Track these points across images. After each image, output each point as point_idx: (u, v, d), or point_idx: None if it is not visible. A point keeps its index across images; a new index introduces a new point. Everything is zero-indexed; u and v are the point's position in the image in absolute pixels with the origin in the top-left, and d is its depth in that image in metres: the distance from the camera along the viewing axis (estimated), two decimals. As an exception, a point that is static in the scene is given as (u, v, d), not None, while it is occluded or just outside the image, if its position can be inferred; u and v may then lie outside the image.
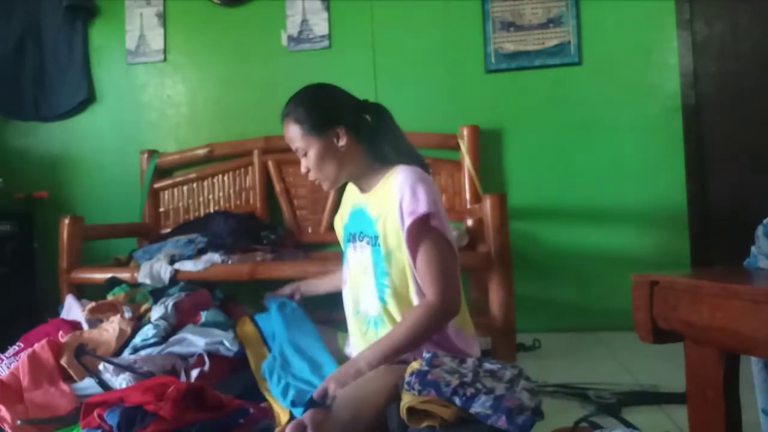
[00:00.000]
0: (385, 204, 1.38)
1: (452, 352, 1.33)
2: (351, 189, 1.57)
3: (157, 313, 1.78)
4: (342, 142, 1.41)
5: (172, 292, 1.94)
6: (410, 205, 1.30)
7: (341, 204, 1.62)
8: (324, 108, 1.44)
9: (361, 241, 1.46)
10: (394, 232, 1.35)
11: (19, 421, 1.33)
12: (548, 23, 2.78)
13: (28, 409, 1.38)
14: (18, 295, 2.80)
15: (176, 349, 1.61)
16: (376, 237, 1.39)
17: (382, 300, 1.38)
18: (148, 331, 1.67)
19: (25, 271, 2.90)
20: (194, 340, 1.64)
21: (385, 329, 1.37)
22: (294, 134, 1.43)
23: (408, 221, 1.30)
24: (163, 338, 1.66)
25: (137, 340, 1.66)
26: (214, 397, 1.17)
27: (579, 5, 2.76)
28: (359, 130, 1.44)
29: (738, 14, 2.66)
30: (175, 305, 1.78)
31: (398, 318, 1.36)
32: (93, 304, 1.93)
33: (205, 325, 1.74)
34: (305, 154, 1.43)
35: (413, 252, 1.32)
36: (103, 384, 1.47)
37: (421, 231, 1.31)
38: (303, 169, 1.47)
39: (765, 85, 2.61)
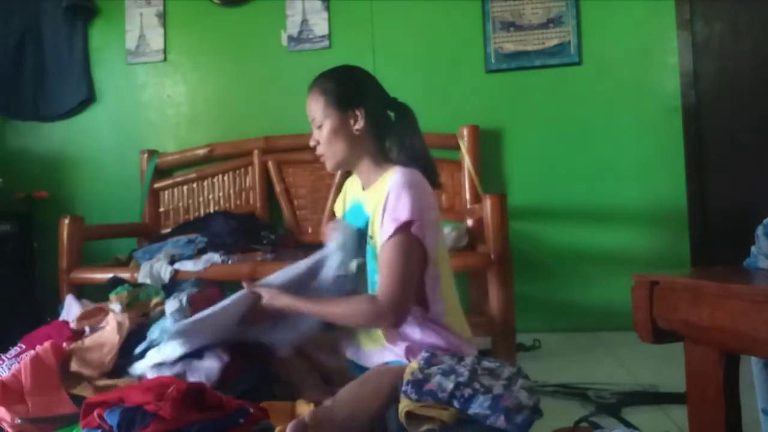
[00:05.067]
0: (377, 203, 1.37)
1: (449, 352, 1.32)
2: (354, 180, 1.56)
3: (171, 306, 1.77)
4: (358, 125, 1.40)
5: (185, 287, 1.94)
6: (393, 212, 1.28)
7: (343, 191, 1.62)
8: (351, 86, 1.44)
9: None
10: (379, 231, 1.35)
11: (18, 420, 1.33)
12: (548, 23, 2.78)
13: (28, 409, 1.38)
14: (18, 295, 2.80)
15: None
16: (367, 234, 1.40)
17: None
18: (165, 322, 1.65)
19: (25, 271, 2.90)
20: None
21: None
22: (315, 105, 1.42)
23: (389, 228, 1.28)
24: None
25: (155, 334, 1.63)
26: (214, 397, 1.17)
27: (579, 5, 2.76)
28: (378, 122, 1.43)
29: (738, 14, 2.66)
30: (189, 299, 1.78)
31: None
32: (80, 312, 1.90)
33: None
34: (319, 127, 1.42)
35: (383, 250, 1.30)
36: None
37: (398, 235, 1.28)
38: (312, 142, 1.46)
39: (765, 85, 2.61)
